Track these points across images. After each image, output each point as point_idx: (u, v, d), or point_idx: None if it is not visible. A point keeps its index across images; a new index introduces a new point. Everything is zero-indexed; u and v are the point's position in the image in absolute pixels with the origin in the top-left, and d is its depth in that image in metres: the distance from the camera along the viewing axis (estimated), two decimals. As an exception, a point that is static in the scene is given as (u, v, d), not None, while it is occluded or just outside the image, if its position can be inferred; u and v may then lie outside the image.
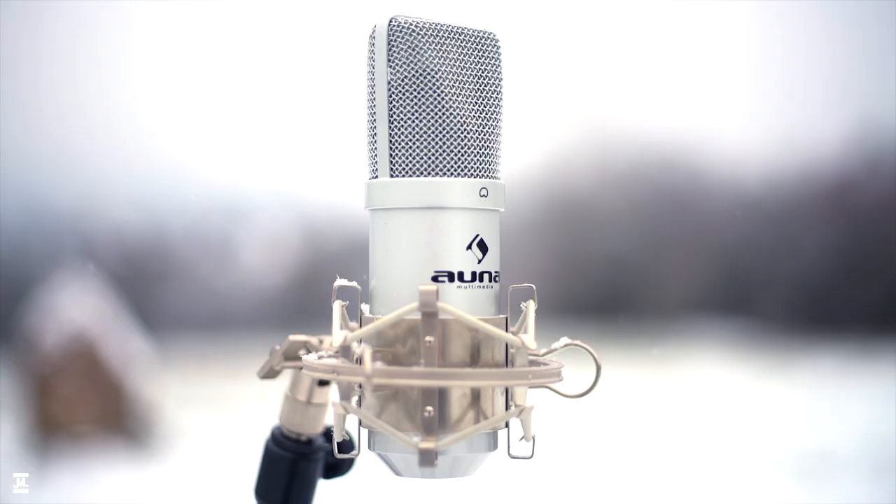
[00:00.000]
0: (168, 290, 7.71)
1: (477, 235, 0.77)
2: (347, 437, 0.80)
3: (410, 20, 0.77)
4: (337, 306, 0.78)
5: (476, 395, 0.77)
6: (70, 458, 4.37)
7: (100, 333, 4.70)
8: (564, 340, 0.82)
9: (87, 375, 4.63)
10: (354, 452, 0.80)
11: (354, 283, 0.79)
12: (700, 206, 8.33)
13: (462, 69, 0.78)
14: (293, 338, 0.83)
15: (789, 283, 7.77)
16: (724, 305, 7.79)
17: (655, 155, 8.17)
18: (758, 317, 7.43)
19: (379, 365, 0.75)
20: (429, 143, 0.77)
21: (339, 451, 0.79)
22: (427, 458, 0.73)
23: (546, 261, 7.83)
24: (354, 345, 0.75)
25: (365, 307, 0.80)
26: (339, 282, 0.79)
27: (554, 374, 0.78)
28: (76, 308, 4.69)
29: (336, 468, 0.88)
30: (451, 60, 0.77)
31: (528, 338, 0.75)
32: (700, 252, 8.01)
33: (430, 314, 0.74)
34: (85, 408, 4.67)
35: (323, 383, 0.86)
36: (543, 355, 0.82)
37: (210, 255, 8.23)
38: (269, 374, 0.85)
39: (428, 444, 0.73)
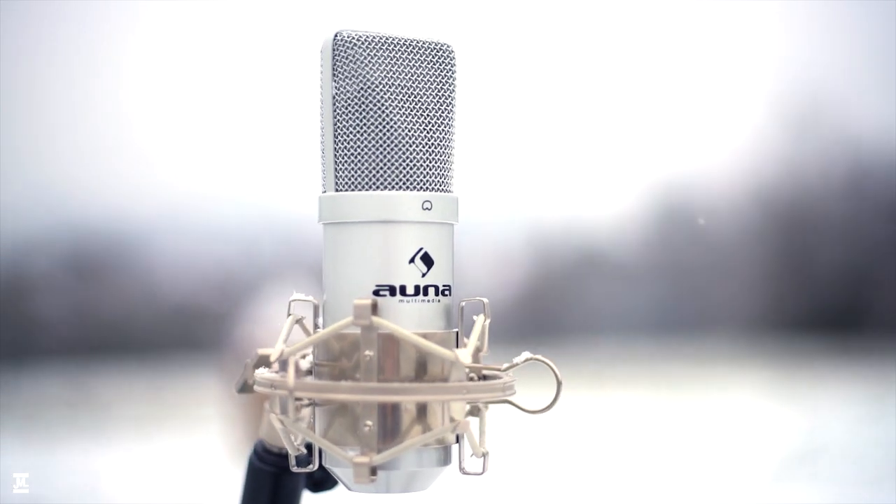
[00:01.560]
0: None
1: (420, 249, 0.77)
2: (305, 452, 0.80)
3: (356, 34, 0.77)
4: (289, 321, 0.79)
5: (422, 410, 0.76)
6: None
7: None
8: (525, 355, 0.81)
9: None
10: (311, 467, 0.80)
11: (310, 298, 0.80)
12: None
13: (410, 81, 0.78)
14: (262, 352, 0.83)
15: None
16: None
17: (883, 154, 7.81)
18: None
19: (310, 379, 0.76)
20: (372, 157, 0.77)
21: (298, 465, 0.80)
22: (361, 474, 0.73)
23: (768, 272, 7.61)
24: (305, 360, 0.77)
25: (321, 321, 0.80)
26: (295, 296, 0.80)
27: (497, 389, 0.77)
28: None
29: (323, 483, 0.88)
30: (396, 73, 0.77)
31: (463, 352, 0.74)
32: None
33: (368, 328, 0.74)
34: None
35: None
36: (505, 370, 0.81)
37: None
38: (245, 388, 0.85)
39: (362, 459, 0.73)
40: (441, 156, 0.79)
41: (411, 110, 0.77)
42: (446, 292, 0.78)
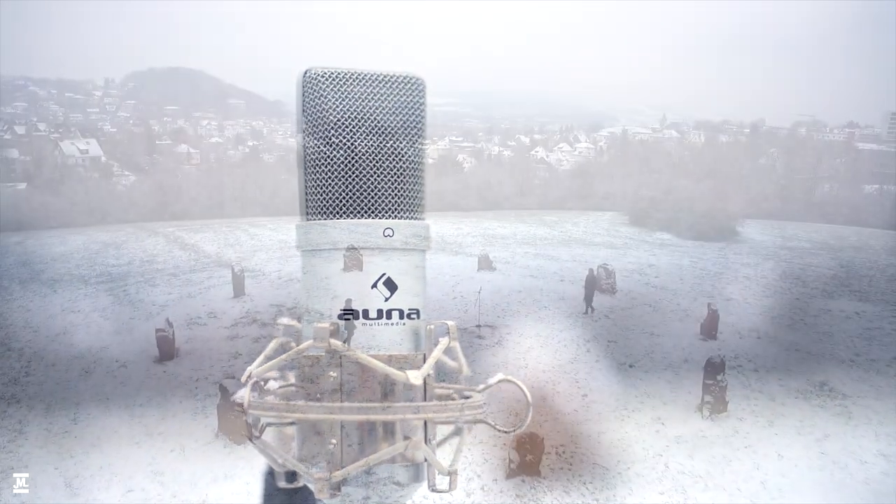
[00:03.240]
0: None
1: (383, 274, 0.79)
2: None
3: (324, 71, 0.80)
4: (272, 343, 0.82)
5: (388, 430, 0.79)
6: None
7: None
8: (499, 376, 0.82)
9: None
10: (296, 483, 0.83)
11: (295, 322, 0.83)
12: None
13: (377, 114, 0.81)
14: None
15: None
16: None
17: None
18: None
19: (271, 398, 0.79)
20: (337, 187, 0.80)
21: (287, 481, 0.83)
22: (321, 489, 0.76)
23: None
24: (272, 382, 0.80)
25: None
26: (282, 320, 0.83)
27: (453, 409, 0.78)
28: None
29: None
30: (363, 107, 0.80)
31: (414, 374, 0.76)
32: None
33: (330, 350, 0.77)
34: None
35: None
36: (481, 391, 0.82)
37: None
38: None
39: (321, 475, 0.76)
40: (408, 184, 0.81)
41: (377, 142, 0.80)
42: (413, 316, 0.80)
